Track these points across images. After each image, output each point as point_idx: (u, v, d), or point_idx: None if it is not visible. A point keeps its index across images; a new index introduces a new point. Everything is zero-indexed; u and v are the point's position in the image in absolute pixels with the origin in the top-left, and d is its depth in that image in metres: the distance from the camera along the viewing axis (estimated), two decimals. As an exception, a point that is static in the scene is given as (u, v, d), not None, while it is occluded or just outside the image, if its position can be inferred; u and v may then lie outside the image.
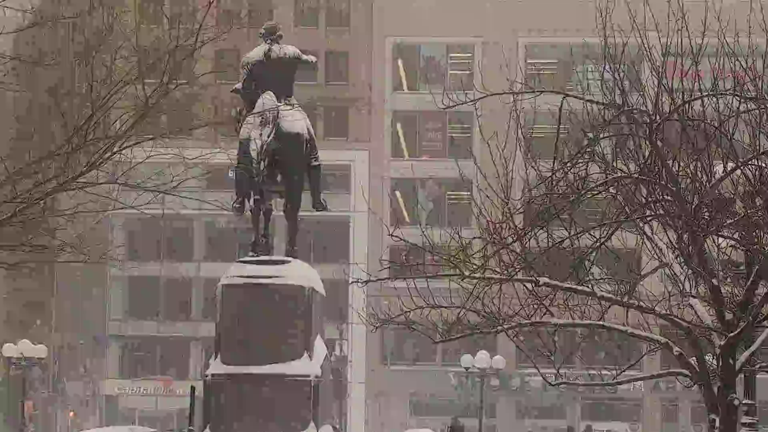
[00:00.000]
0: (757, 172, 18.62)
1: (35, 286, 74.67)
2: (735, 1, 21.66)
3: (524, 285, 18.47)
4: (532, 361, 20.15)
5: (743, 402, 19.43)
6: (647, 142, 18.32)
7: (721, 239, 18.98)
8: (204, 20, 26.73)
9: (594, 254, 19.32)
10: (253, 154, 27.39)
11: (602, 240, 18.95)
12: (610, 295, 18.75)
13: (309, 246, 54.28)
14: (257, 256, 28.18)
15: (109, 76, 25.05)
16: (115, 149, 24.07)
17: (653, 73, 18.99)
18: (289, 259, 28.22)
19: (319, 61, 35.62)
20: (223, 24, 30.69)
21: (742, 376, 19.20)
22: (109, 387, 74.12)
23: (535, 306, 18.62)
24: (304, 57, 29.55)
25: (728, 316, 18.08)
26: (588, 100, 19.26)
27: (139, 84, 24.35)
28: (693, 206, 18.03)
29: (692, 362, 18.25)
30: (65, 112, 24.74)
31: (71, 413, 78.11)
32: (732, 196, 18.87)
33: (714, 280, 18.21)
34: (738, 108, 18.86)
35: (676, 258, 18.61)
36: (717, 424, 18.12)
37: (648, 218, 18.87)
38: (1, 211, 22.98)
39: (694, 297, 18.54)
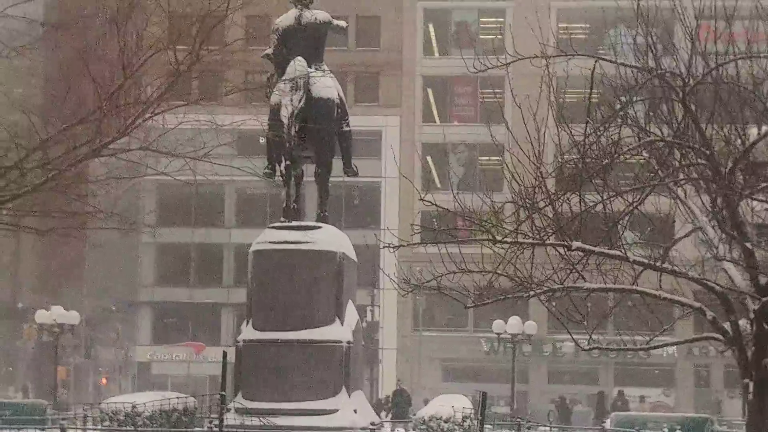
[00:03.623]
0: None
1: (67, 253, 75.21)
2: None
3: (556, 250, 18.51)
4: (564, 326, 20.19)
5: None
6: (680, 106, 18.30)
7: (755, 202, 18.97)
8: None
9: (627, 218, 19.35)
10: (284, 119, 27.50)
11: (635, 204, 18.95)
12: (643, 260, 18.77)
13: (340, 211, 54.45)
14: (288, 221, 28.33)
15: (140, 42, 25.15)
16: (146, 115, 24.18)
17: (686, 35, 18.93)
18: (320, 224, 28.36)
19: (349, 26, 35.56)
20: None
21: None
22: (141, 353, 74.55)
23: (568, 271, 18.66)
24: (335, 22, 29.57)
25: (762, 280, 18.09)
26: (621, 64, 19.21)
27: (171, 50, 24.44)
28: (727, 169, 18.02)
29: (726, 327, 18.27)
30: (96, 77, 24.85)
31: (104, 379, 78.78)
32: (766, 159, 18.85)
33: (748, 244, 18.21)
34: (771, 71, 18.82)
35: (710, 222, 18.63)
36: (750, 388, 18.16)
37: (681, 182, 18.89)
38: (32, 177, 23.16)
39: (728, 261, 18.55)
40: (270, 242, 27.91)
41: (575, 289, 18.72)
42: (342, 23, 30.38)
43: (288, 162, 28.02)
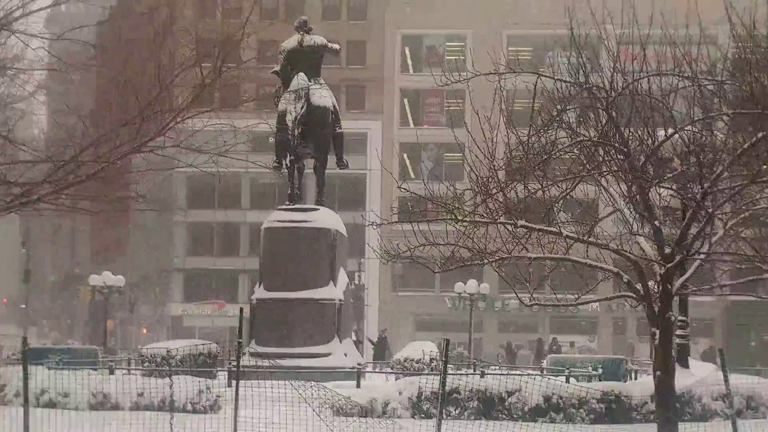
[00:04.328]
0: (691, 136, 18.75)
1: (115, 229, 75.08)
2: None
3: (505, 227, 18.59)
4: (511, 287, 20.27)
5: (678, 318, 19.57)
6: (604, 113, 18.39)
7: (662, 190, 19.10)
8: (249, 16, 26.89)
9: (561, 202, 19.46)
10: (289, 123, 27.45)
11: (568, 191, 19.05)
12: (573, 235, 18.86)
13: (334, 197, 54.28)
14: (293, 205, 28.32)
15: (172, 61, 25.11)
16: (178, 120, 24.15)
17: (609, 57, 19.00)
18: (318, 207, 28.35)
19: (341, 48, 35.43)
20: (265, 19, 30.63)
21: (677, 298, 19.37)
22: (174, 309, 74.46)
23: (514, 244, 18.77)
24: (330, 45, 29.48)
25: (667, 250, 18.21)
26: (557, 79, 19.26)
27: (197, 67, 24.43)
28: (640, 163, 18.13)
29: (638, 287, 18.39)
30: (138, 89, 24.81)
31: (144, 330, 78.67)
32: (671, 155, 18.99)
33: (656, 222, 18.34)
34: (677, 85, 18.92)
35: (627, 205, 18.73)
36: (656, 336, 18.31)
37: (604, 173, 18.97)
38: (86, 169, 23.13)
39: (640, 236, 18.67)
40: (278, 221, 27.92)
41: (520, 258, 18.80)
42: (336, 46, 30.29)
43: (292, 157, 28.00)
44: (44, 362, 24.48)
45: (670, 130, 18.62)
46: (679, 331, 20.01)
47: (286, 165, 28.32)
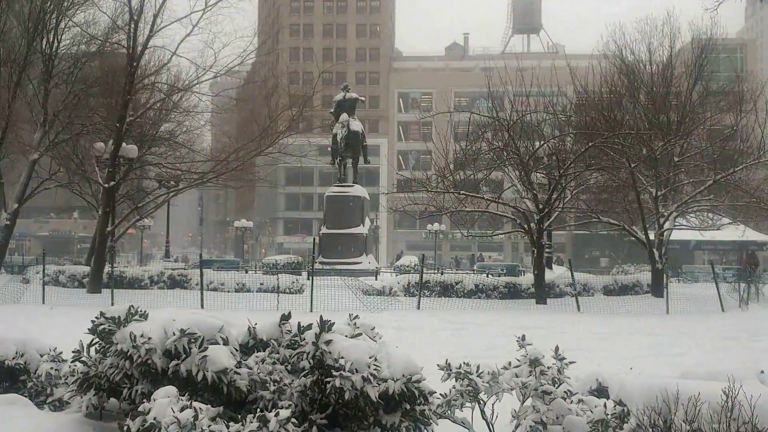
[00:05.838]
0: (553, 145, 18.61)
1: (247, 196, 74.86)
2: (549, 66, 21.29)
3: (454, 194, 18.59)
4: (457, 225, 20.27)
5: (545, 242, 19.52)
6: (506, 133, 18.27)
7: (538, 174, 19.02)
8: (317, 81, 26.56)
9: (483, 180, 19.40)
10: (338, 140, 27.26)
11: (487, 174, 18.99)
12: (492, 198, 18.84)
13: (362, 179, 54.17)
14: (340, 183, 28.19)
15: (276, 106, 24.92)
16: (281, 137, 24.00)
17: (511, 103, 18.82)
18: (354, 184, 28.21)
19: (366, 99, 35.10)
20: (326, 83, 30.13)
21: (546, 232, 19.33)
22: (279, 239, 74.47)
23: (458, 203, 18.74)
24: (359, 98, 29.25)
25: (541, 206, 18.16)
26: (482, 114, 19.14)
27: (290, 110, 24.32)
28: (526, 159, 18.03)
29: (525, 226, 18.38)
30: (258, 122, 24.68)
31: (263, 250, 78.69)
32: (543, 156, 18.88)
33: (534, 191, 18.27)
34: (546, 118, 18.77)
35: (519, 181, 18.69)
36: (535, 252, 18.32)
37: (507, 164, 18.89)
38: (232, 164, 23.04)
39: (527, 199, 18.64)
40: (333, 191, 27.80)
41: (461, 211, 18.80)
42: (362, 98, 30.01)
43: (340, 158, 27.83)
44: (211, 267, 24.60)
45: (543, 143, 18.55)
46: (546, 250, 19.97)
47: (337, 162, 28.17)
